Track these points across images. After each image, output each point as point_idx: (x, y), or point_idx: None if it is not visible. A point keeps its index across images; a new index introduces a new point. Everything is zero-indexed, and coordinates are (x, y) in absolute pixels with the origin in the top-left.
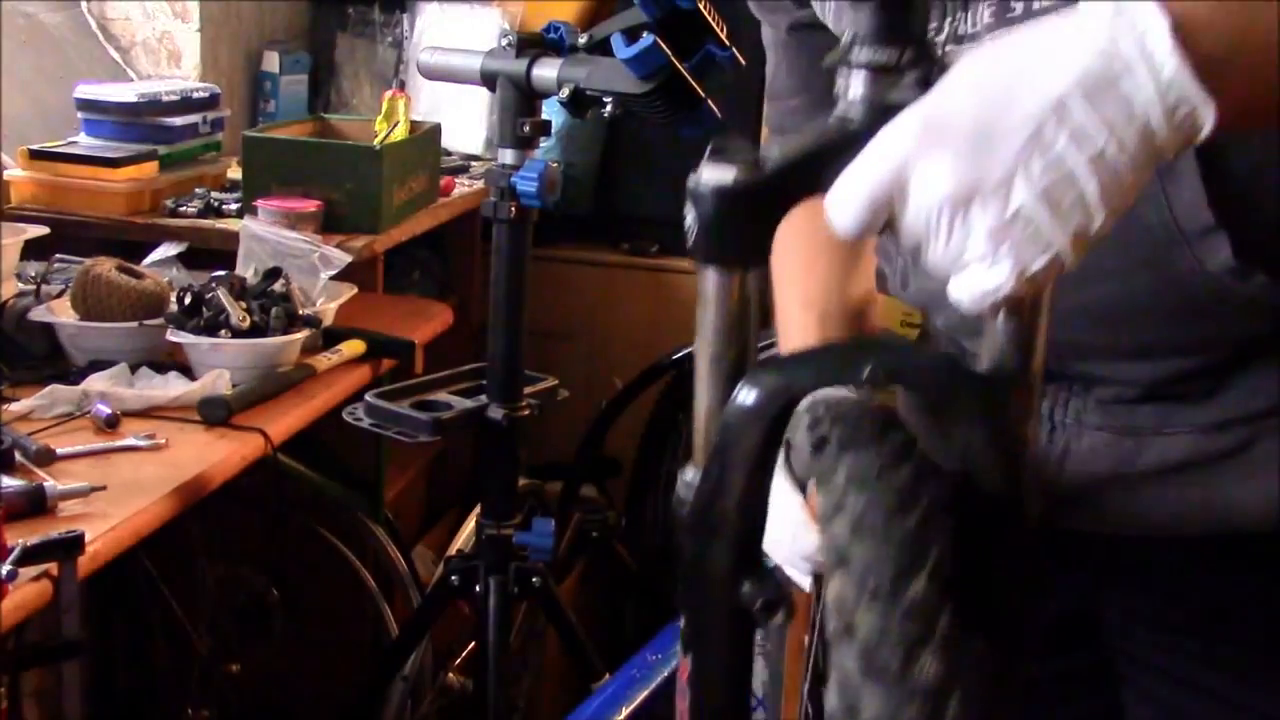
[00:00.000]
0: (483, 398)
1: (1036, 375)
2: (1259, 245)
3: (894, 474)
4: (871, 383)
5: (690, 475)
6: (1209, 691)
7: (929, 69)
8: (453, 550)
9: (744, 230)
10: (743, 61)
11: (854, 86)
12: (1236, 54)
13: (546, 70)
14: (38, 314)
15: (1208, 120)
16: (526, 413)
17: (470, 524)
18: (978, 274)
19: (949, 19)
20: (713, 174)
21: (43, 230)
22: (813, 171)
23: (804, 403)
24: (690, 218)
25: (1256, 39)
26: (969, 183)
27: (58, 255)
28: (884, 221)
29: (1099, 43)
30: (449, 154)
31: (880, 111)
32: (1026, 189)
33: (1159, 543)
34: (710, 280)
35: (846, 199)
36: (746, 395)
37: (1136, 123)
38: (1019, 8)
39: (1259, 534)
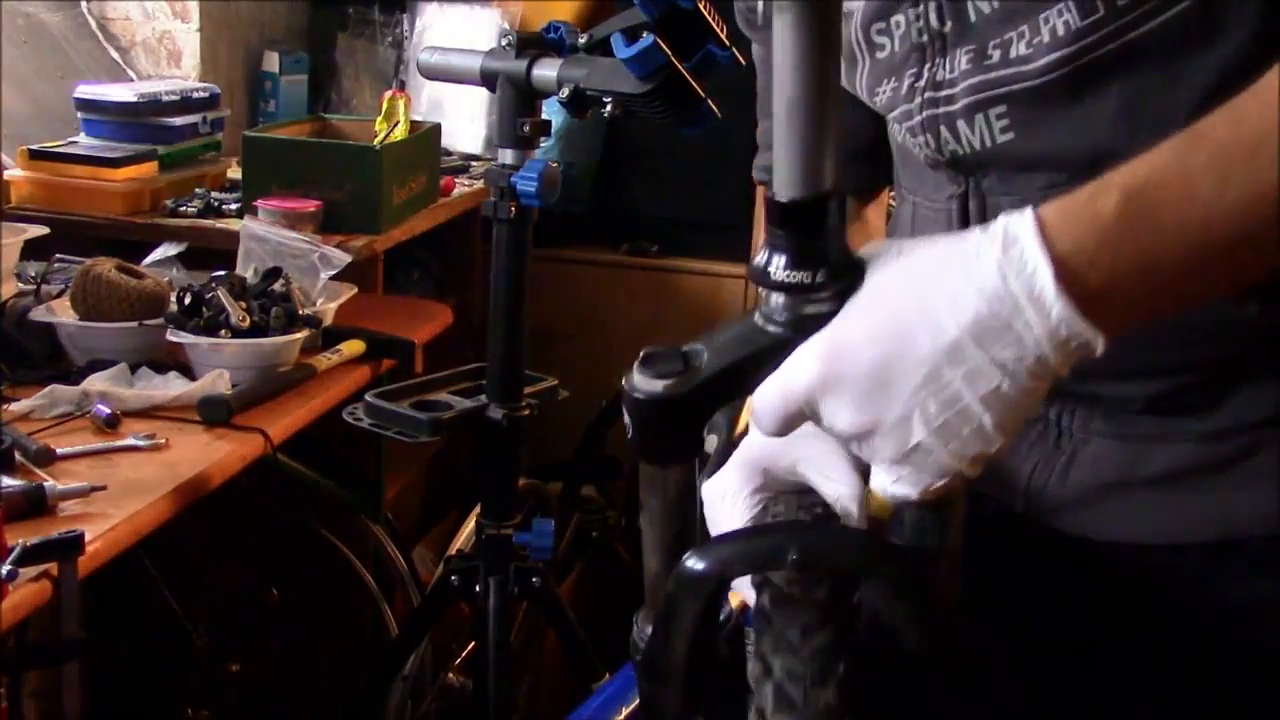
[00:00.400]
0: (483, 398)
1: (955, 546)
2: None
3: (815, 638)
4: (796, 569)
5: (642, 627)
6: (1217, 694)
7: (844, 284)
8: (453, 550)
9: (675, 435)
10: (742, 61)
11: (774, 297)
12: (1119, 285)
13: (546, 70)
14: (38, 314)
15: (1099, 345)
16: (526, 413)
17: (470, 524)
18: (885, 480)
19: (928, 65)
20: (644, 384)
21: (43, 230)
22: (737, 380)
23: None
24: (626, 418)
25: (1137, 268)
26: (868, 421)
27: (58, 255)
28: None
29: (989, 284)
30: (449, 154)
31: (798, 322)
32: (923, 427)
33: (1163, 549)
34: (649, 472)
35: (763, 417)
36: (686, 573)
37: (1028, 359)
38: (996, 55)
39: (1263, 539)
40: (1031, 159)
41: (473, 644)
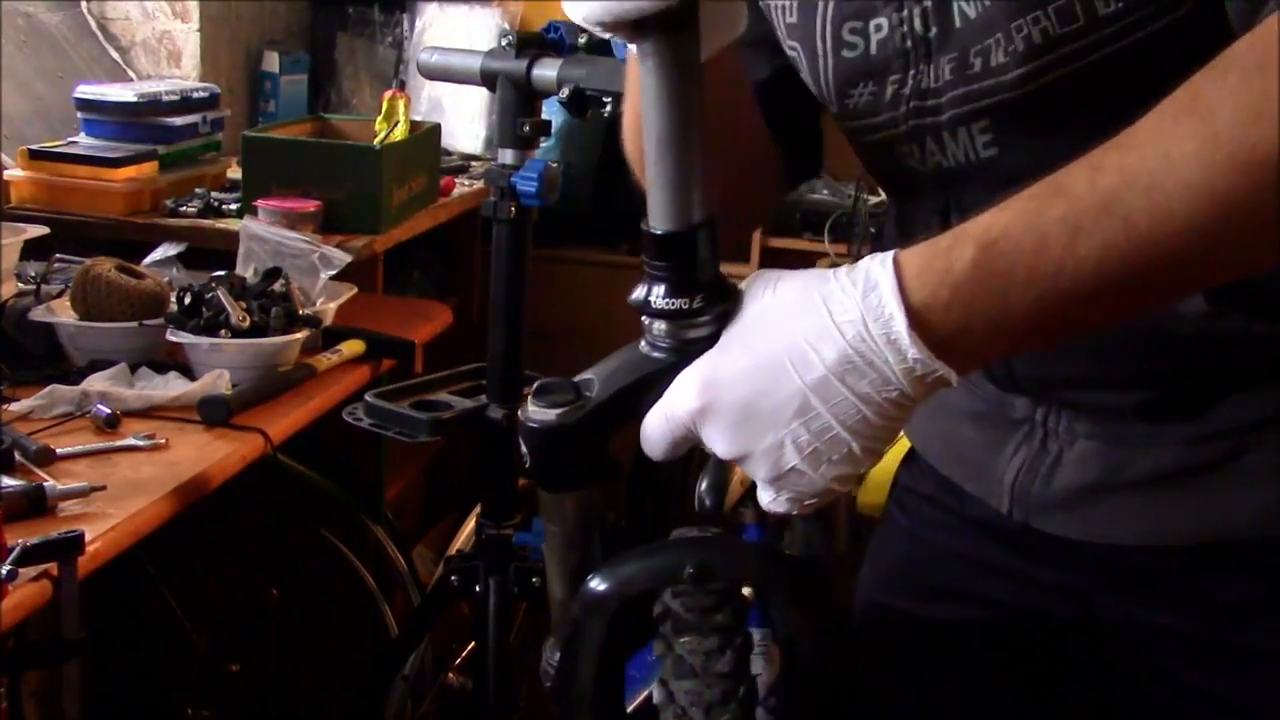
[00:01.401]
0: (483, 398)
1: (841, 551)
2: (1230, 290)
3: (715, 662)
4: (694, 583)
5: (551, 654)
6: (1207, 694)
7: (721, 308)
8: (453, 550)
9: (570, 462)
10: None
11: (658, 324)
12: (973, 332)
13: (546, 70)
14: (38, 314)
15: (954, 378)
16: None
17: (470, 524)
18: (764, 498)
19: (912, 72)
20: (538, 414)
21: (43, 230)
22: (628, 406)
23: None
24: (523, 448)
25: (990, 317)
26: (743, 448)
27: (58, 255)
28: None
29: (852, 328)
30: (449, 154)
31: (681, 347)
32: (795, 453)
33: (1151, 551)
34: (548, 499)
35: (650, 443)
36: (589, 594)
37: (889, 392)
38: (977, 64)
39: (1250, 541)
40: (1014, 173)
41: (473, 644)
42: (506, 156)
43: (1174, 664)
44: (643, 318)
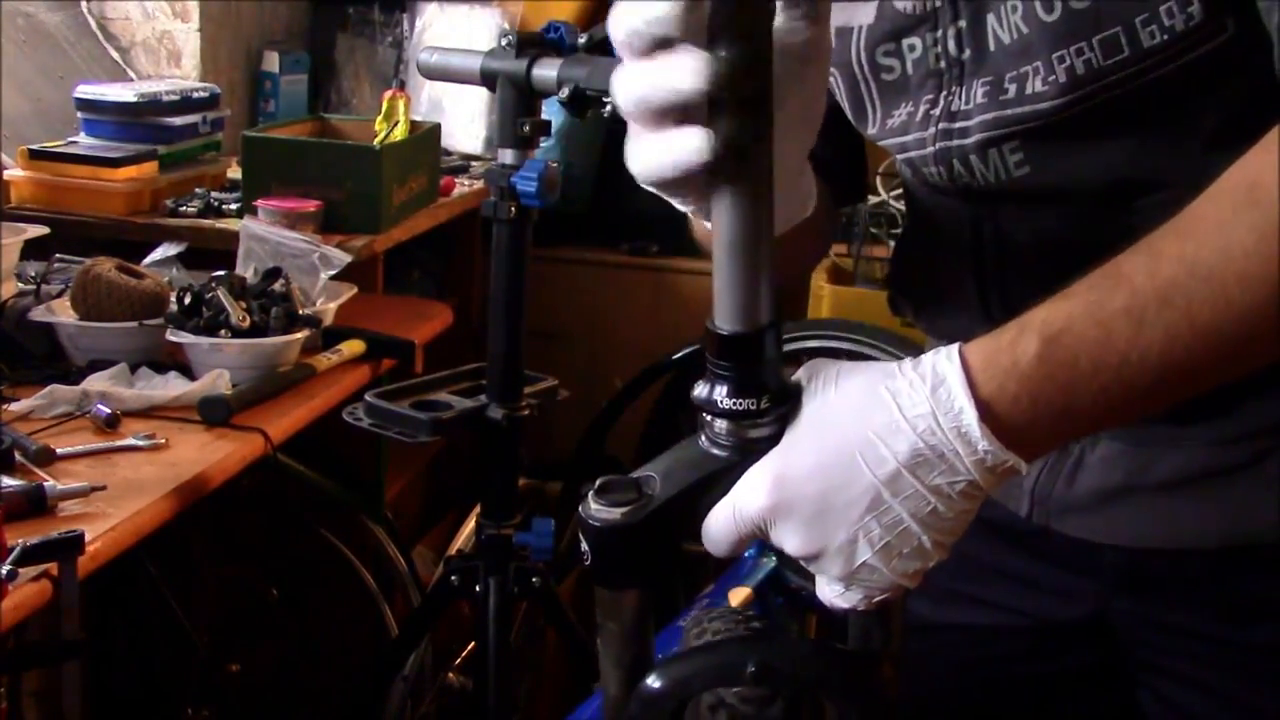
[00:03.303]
0: (483, 398)
1: (898, 648)
2: None
3: None
4: (755, 682)
5: None
6: (1223, 695)
7: (784, 409)
8: (453, 550)
9: (632, 560)
10: None
11: (719, 423)
12: (1040, 422)
13: (546, 70)
14: (38, 314)
15: (1023, 467)
16: (526, 413)
17: (470, 524)
18: (829, 594)
19: (944, 93)
20: (601, 512)
21: (43, 230)
22: (690, 504)
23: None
24: (584, 545)
25: (1057, 407)
26: (816, 546)
27: (58, 255)
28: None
29: (922, 422)
30: (449, 154)
31: (744, 446)
32: (868, 548)
33: (1172, 552)
34: (607, 597)
35: (715, 542)
36: (647, 693)
37: (960, 485)
38: (1012, 89)
39: (1273, 544)
40: (1046, 191)
41: (473, 644)
42: (506, 156)
43: (1193, 664)
44: (703, 415)
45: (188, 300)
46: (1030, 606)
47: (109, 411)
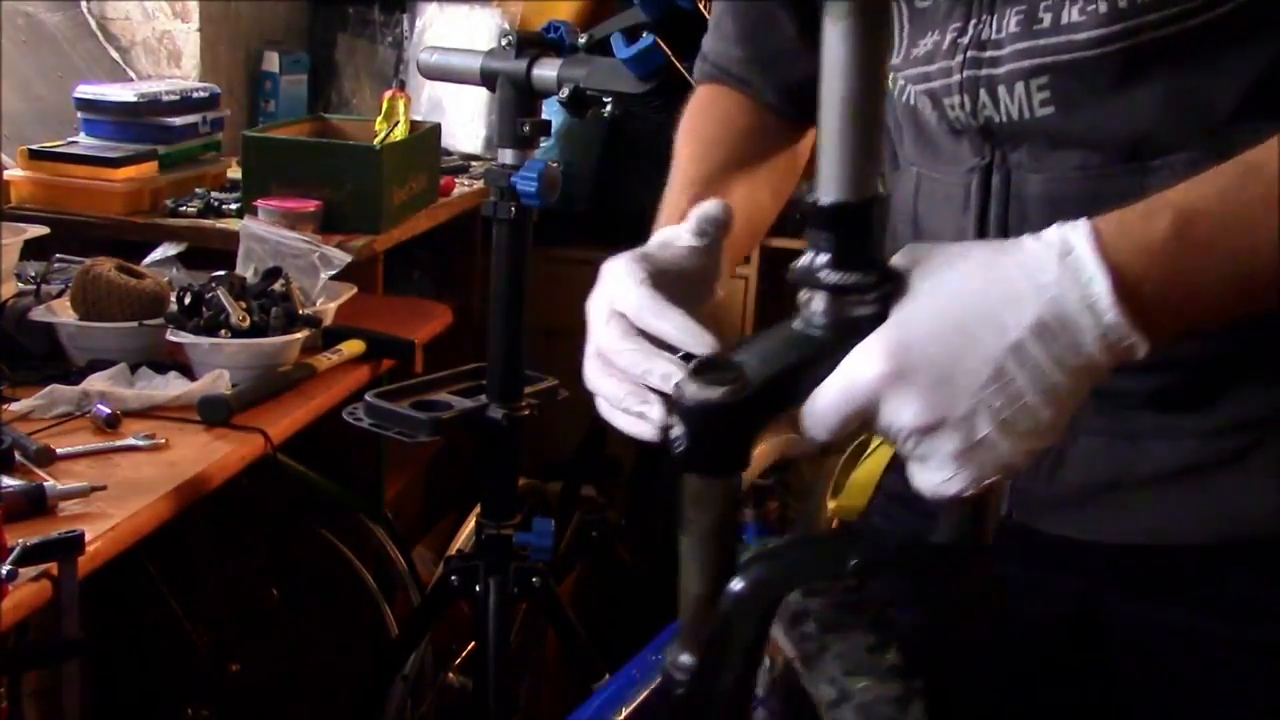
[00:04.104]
0: (483, 398)
1: (989, 540)
2: None
3: (884, 656)
4: (857, 575)
5: (683, 659)
6: (1218, 693)
7: (887, 288)
8: (453, 550)
9: (728, 444)
10: None
11: (817, 301)
12: (1168, 300)
13: (546, 70)
14: (38, 314)
15: (1142, 349)
16: (526, 413)
17: (470, 524)
18: (937, 478)
19: (974, 21)
20: (700, 393)
21: (43, 230)
22: (788, 386)
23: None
24: (678, 430)
25: (1186, 286)
26: (935, 417)
27: (58, 255)
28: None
29: (1049, 290)
30: (449, 154)
31: (844, 325)
32: (988, 421)
33: (1158, 550)
34: (698, 486)
35: (822, 418)
36: (741, 590)
37: (1083, 358)
38: (1046, 19)
39: (1264, 539)
40: (1068, 136)
41: (473, 644)
42: (506, 156)
43: (1185, 663)
44: (800, 295)
45: (188, 300)
46: (1012, 610)
47: (109, 411)
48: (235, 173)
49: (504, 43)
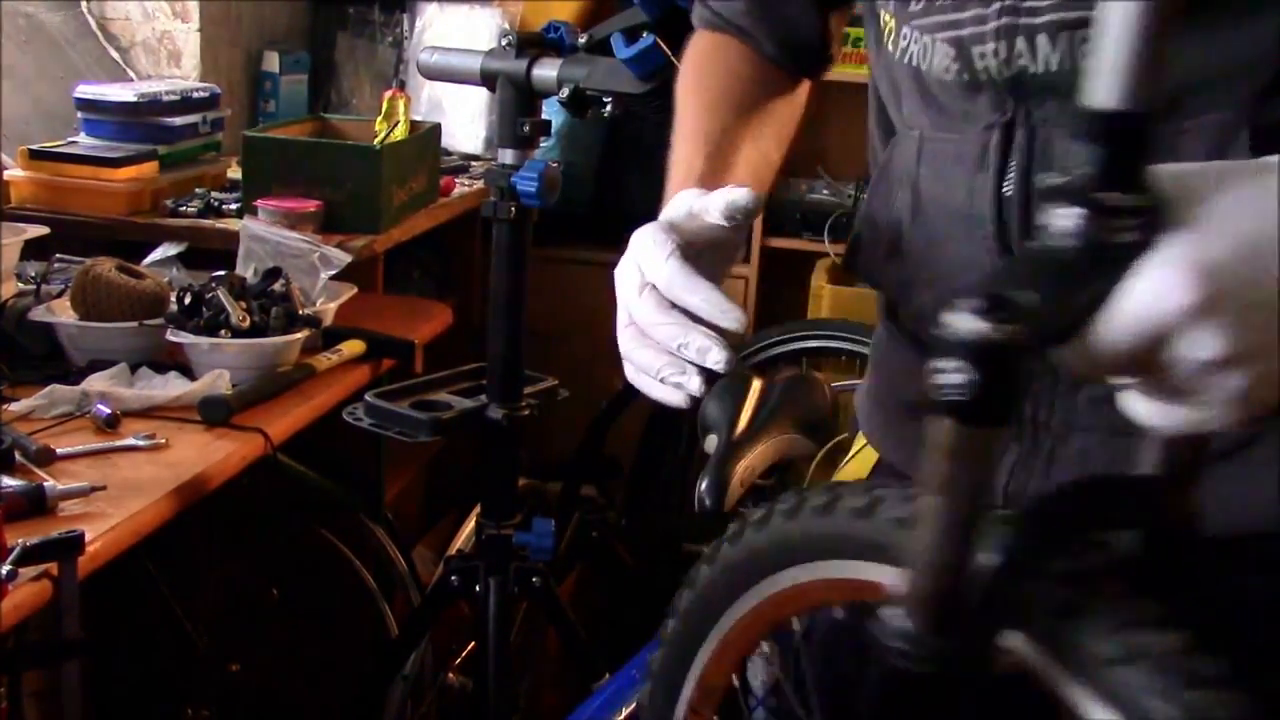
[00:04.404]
0: (483, 398)
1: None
2: None
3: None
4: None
5: (901, 624)
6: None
7: (1156, 212)
8: (453, 550)
9: (1014, 389)
10: None
11: (1069, 220)
12: None
13: (546, 70)
14: (38, 314)
15: None
16: (526, 413)
17: (470, 524)
18: (1198, 413)
19: None
20: (982, 329)
21: (43, 230)
22: (1069, 317)
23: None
24: (960, 377)
25: None
26: (1247, 345)
27: (58, 255)
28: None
29: None
30: (449, 154)
31: (1104, 252)
32: None
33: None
34: (965, 439)
35: (1115, 346)
36: (1002, 560)
37: None
38: None
39: (1260, 535)
40: None
41: (473, 644)
42: (506, 156)
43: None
44: (1048, 219)
45: (188, 300)
46: None
47: (109, 411)
48: (235, 173)
49: (504, 43)
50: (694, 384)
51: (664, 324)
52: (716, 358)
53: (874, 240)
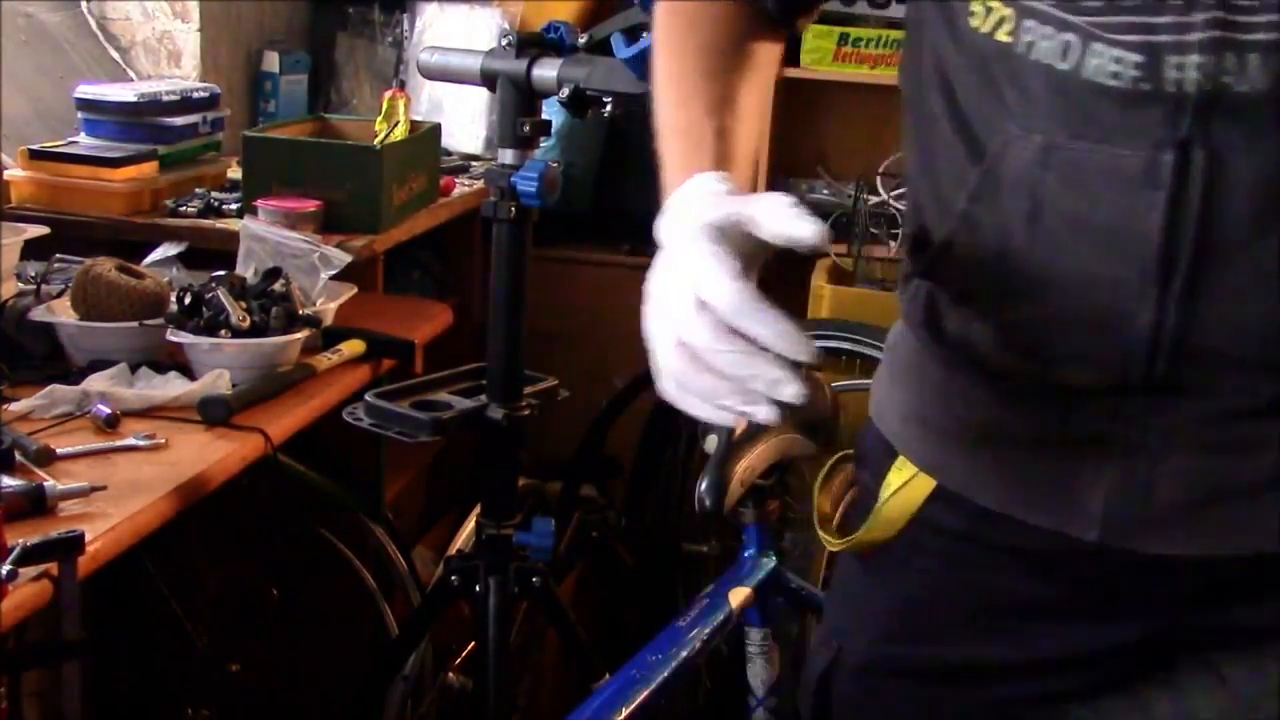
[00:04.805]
0: (483, 398)
1: None
2: None
3: None
4: None
5: None
6: None
7: None
8: (453, 550)
9: None
10: None
11: None
12: None
13: (546, 70)
14: (38, 314)
15: None
16: (526, 413)
17: (470, 524)
18: None
19: None
20: None
21: (43, 230)
22: None
23: None
24: None
25: None
26: None
27: (58, 255)
28: None
29: None
30: (449, 154)
31: None
32: None
33: (1249, 558)
34: None
35: None
36: None
37: None
38: None
39: None
40: None
41: (473, 644)
42: (506, 156)
43: (1267, 664)
44: None
45: (188, 300)
46: (1070, 635)
47: (109, 411)
48: (235, 173)
49: (504, 43)
50: (767, 414)
51: (727, 352)
52: (792, 392)
53: (968, 243)
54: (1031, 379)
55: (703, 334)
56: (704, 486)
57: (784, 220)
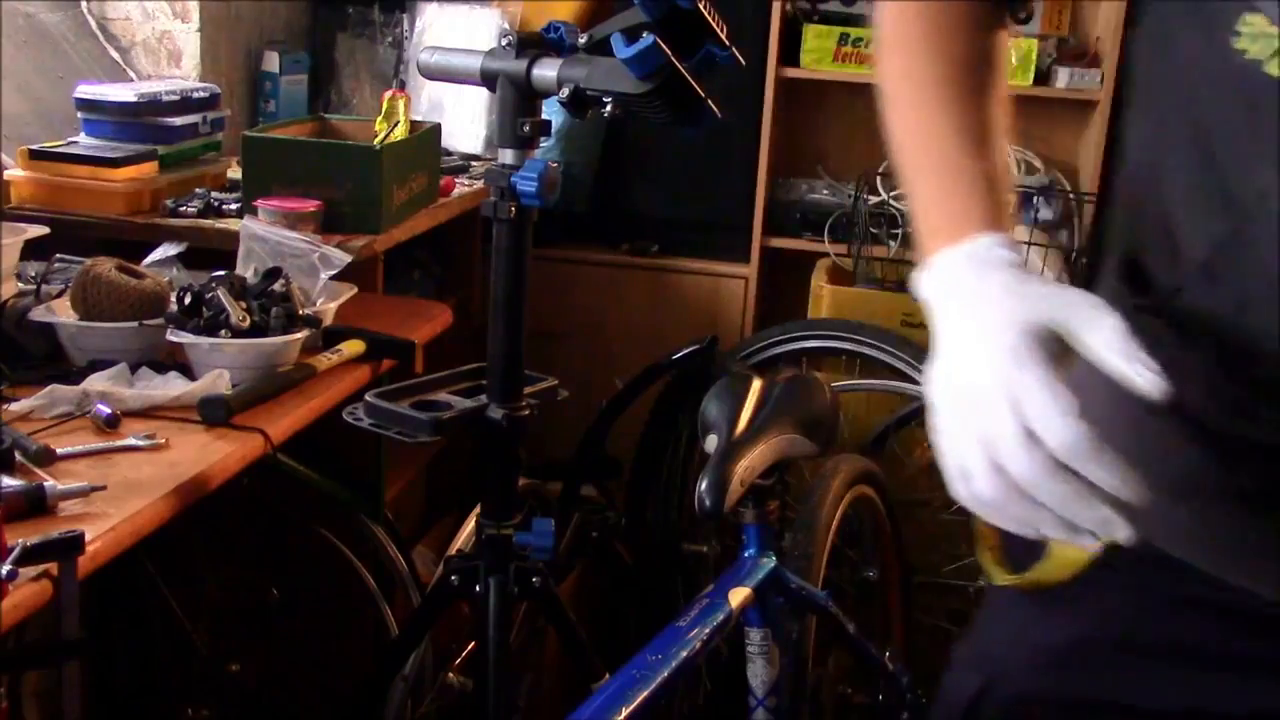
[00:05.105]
0: (483, 398)
1: None
2: None
3: None
4: None
5: None
6: None
7: None
8: (453, 550)
9: None
10: (742, 61)
11: None
12: None
13: (546, 70)
14: (38, 314)
15: None
16: (526, 413)
17: (470, 524)
18: None
19: None
20: None
21: (43, 230)
22: None
23: None
24: None
25: None
26: None
27: (58, 255)
28: None
29: None
30: (449, 154)
31: None
32: None
33: None
34: None
35: None
36: None
37: None
38: None
39: None
40: None
41: (473, 644)
42: (506, 156)
43: None
44: None
45: (188, 300)
46: (1244, 694)
47: (109, 411)
48: (235, 173)
49: (504, 43)
50: (1094, 546)
51: (1059, 490)
52: (1126, 536)
53: (1204, 295)
54: (1246, 439)
55: (1032, 470)
56: (704, 486)
57: (1123, 362)
